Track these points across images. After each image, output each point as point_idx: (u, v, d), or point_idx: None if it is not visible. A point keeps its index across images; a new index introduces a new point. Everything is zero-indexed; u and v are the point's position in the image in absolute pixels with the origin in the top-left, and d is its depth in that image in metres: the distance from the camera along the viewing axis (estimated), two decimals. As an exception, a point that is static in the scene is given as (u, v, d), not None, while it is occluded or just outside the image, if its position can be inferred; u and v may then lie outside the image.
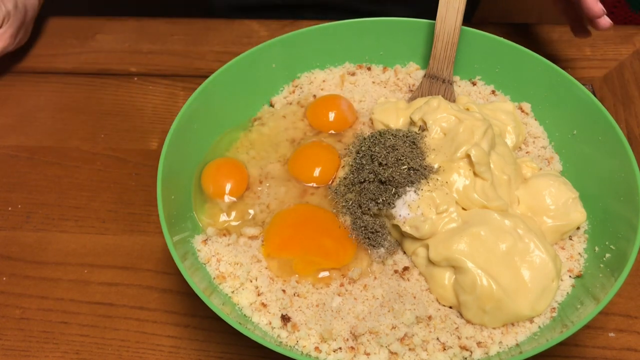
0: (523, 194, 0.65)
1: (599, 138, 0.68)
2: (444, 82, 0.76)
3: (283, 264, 0.63)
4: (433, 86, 0.77)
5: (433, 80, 0.77)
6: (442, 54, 0.75)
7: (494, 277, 0.57)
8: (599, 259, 0.62)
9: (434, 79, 0.77)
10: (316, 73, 0.82)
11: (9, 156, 0.86)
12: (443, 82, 0.76)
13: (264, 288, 0.61)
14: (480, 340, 0.57)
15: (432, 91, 0.77)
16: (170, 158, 0.64)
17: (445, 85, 0.76)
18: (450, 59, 0.75)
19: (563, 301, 0.60)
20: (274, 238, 0.64)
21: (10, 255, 0.74)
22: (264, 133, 0.75)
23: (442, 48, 0.75)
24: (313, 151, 0.72)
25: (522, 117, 0.76)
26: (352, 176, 0.66)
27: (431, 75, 0.77)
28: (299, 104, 0.78)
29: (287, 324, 0.58)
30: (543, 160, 0.72)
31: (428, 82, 0.77)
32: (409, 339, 0.57)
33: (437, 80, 0.77)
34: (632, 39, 0.98)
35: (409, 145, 0.65)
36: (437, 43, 0.75)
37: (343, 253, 0.63)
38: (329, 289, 0.61)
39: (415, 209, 0.61)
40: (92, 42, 1.03)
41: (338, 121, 0.75)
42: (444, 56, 0.75)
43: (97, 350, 0.66)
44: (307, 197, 0.68)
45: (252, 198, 0.69)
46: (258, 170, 0.71)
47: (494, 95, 0.80)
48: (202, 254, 0.63)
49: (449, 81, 0.76)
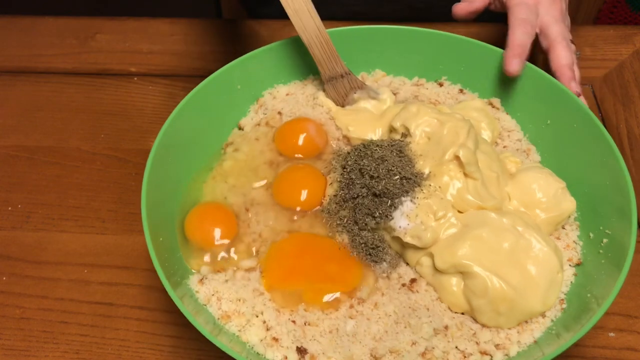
0: (512, 190, 0.65)
1: (574, 125, 0.68)
2: (342, 76, 0.76)
3: (287, 295, 0.60)
4: (338, 85, 0.77)
5: (334, 81, 0.76)
6: (323, 55, 0.74)
7: (504, 278, 0.56)
8: (596, 244, 0.62)
9: (333, 79, 0.76)
10: (279, 88, 0.80)
11: (9, 156, 0.86)
12: (342, 77, 0.76)
13: (272, 322, 0.58)
14: (499, 343, 0.57)
15: (341, 91, 0.77)
16: (151, 198, 0.61)
17: (347, 77, 0.76)
18: (333, 55, 0.75)
19: (569, 291, 0.61)
20: (274, 270, 0.61)
21: (10, 255, 0.74)
22: (240, 159, 0.71)
23: (320, 51, 0.74)
24: (295, 177, 0.69)
25: (494, 112, 0.77)
26: (342, 193, 0.64)
27: (329, 79, 0.76)
28: (268, 125, 0.75)
29: (304, 356, 0.55)
30: (522, 153, 0.72)
31: (331, 85, 0.77)
32: (430, 353, 0.56)
33: (337, 79, 0.76)
34: (632, 39, 0.98)
35: (397, 155, 0.64)
36: (314, 50, 0.74)
37: (350, 275, 0.61)
38: (339, 312, 0.59)
39: (414, 218, 0.60)
40: (92, 42, 1.03)
41: (308, 148, 0.72)
42: (327, 56, 0.75)
43: (97, 349, 0.66)
44: (298, 221, 0.66)
45: (243, 227, 0.65)
46: (241, 198, 0.67)
47: (463, 94, 0.80)
48: (201, 294, 0.60)
49: (346, 72, 0.76)
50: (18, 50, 1.02)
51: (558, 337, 0.55)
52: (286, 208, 0.67)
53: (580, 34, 1.01)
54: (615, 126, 0.86)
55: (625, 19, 1.60)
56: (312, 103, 0.78)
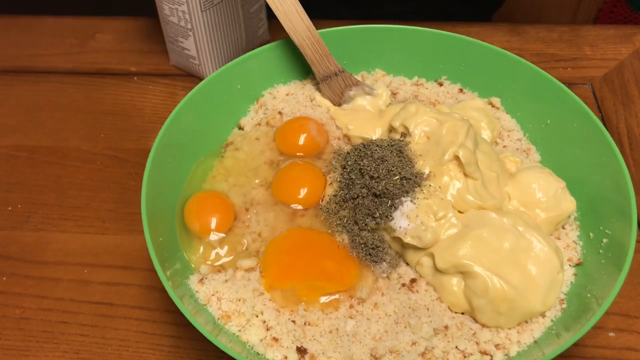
0: (512, 189, 0.65)
1: (574, 125, 0.68)
2: (336, 74, 0.76)
3: (287, 294, 0.60)
4: (333, 84, 0.77)
5: (329, 80, 0.77)
6: (316, 55, 0.75)
7: (504, 278, 0.56)
8: (596, 244, 0.62)
9: (328, 78, 0.76)
10: (279, 87, 0.80)
11: (9, 156, 0.86)
12: (336, 75, 0.76)
13: (272, 321, 0.58)
14: (499, 343, 0.57)
15: (337, 89, 0.77)
16: (151, 197, 0.61)
17: (341, 75, 0.77)
18: (325, 54, 0.75)
19: (569, 291, 0.61)
20: (272, 268, 0.61)
21: (10, 255, 0.74)
22: (240, 158, 0.71)
23: (313, 51, 0.75)
24: (296, 173, 0.69)
25: (494, 112, 0.77)
26: (342, 192, 0.64)
27: (324, 78, 0.76)
28: (268, 124, 0.75)
29: (304, 356, 0.55)
30: (521, 153, 0.72)
31: (326, 84, 0.77)
32: (430, 353, 0.56)
33: (331, 78, 0.76)
34: (632, 39, 0.98)
35: (396, 155, 0.64)
36: (305, 50, 0.74)
37: (348, 274, 0.61)
38: (339, 312, 0.59)
39: (414, 218, 0.60)
40: (91, 41, 1.03)
41: (309, 147, 0.72)
42: (319, 55, 0.75)
43: (97, 349, 0.66)
44: (297, 220, 0.66)
45: (242, 228, 0.65)
46: (242, 198, 0.68)
47: (462, 94, 0.80)
48: (200, 294, 0.60)
49: (340, 70, 0.77)
50: (18, 49, 1.02)
51: (558, 337, 0.56)
52: (286, 207, 0.67)
53: (580, 33, 1.01)
54: (615, 126, 0.86)
55: (625, 18, 1.60)
56: (311, 103, 0.78)
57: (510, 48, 0.95)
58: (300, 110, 0.77)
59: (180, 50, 0.91)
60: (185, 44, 0.89)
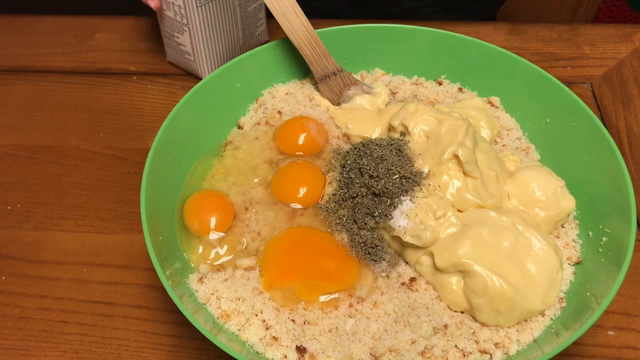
0: (512, 188, 0.65)
1: (573, 124, 0.68)
2: (334, 74, 0.77)
3: (286, 293, 0.60)
4: (332, 83, 0.77)
5: (327, 79, 0.77)
6: (314, 54, 0.75)
7: (503, 277, 0.56)
8: (595, 243, 0.62)
9: (326, 78, 0.77)
10: (278, 87, 0.80)
11: (8, 155, 0.86)
12: (334, 74, 0.77)
13: (271, 320, 0.58)
14: (498, 341, 0.57)
15: (335, 89, 0.77)
16: (150, 196, 0.61)
17: (339, 74, 0.77)
18: (323, 53, 0.76)
19: (568, 290, 0.61)
20: (271, 268, 0.61)
21: (9, 254, 0.74)
22: (239, 157, 0.71)
23: (311, 50, 0.75)
24: (295, 172, 0.69)
25: (493, 111, 0.77)
26: (342, 192, 0.64)
27: (322, 77, 0.77)
28: (268, 124, 0.75)
29: (304, 355, 0.56)
30: (521, 152, 0.73)
31: (325, 84, 0.77)
32: (429, 351, 0.56)
33: (330, 77, 0.77)
34: (632, 38, 0.98)
35: (396, 154, 0.64)
36: (304, 50, 0.74)
37: (347, 273, 0.61)
38: (338, 311, 0.59)
39: (414, 217, 0.60)
40: (91, 41, 1.03)
41: (308, 146, 0.72)
42: (317, 55, 0.75)
43: (96, 349, 0.66)
44: (297, 219, 0.66)
45: (241, 227, 0.65)
46: (241, 197, 0.68)
47: (462, 93, 0.80)
48: (200, 293, 0.60)
49: (338, 69, 0.77)
50: (17, 49, 1.02)
51: (557, 336, 0.56)
52: (285, 207, 0.67)
53: (579, 32, 1.01)
54: (615, 125, 0.86)
55: (624, 17, 1.60)
56: (310, 103, 0.78)
57: (509, 47, 0.95)
58: (299, 109, 0.77)
59: (176, 46, 0.91)
60: (180, 39, 0.89)
